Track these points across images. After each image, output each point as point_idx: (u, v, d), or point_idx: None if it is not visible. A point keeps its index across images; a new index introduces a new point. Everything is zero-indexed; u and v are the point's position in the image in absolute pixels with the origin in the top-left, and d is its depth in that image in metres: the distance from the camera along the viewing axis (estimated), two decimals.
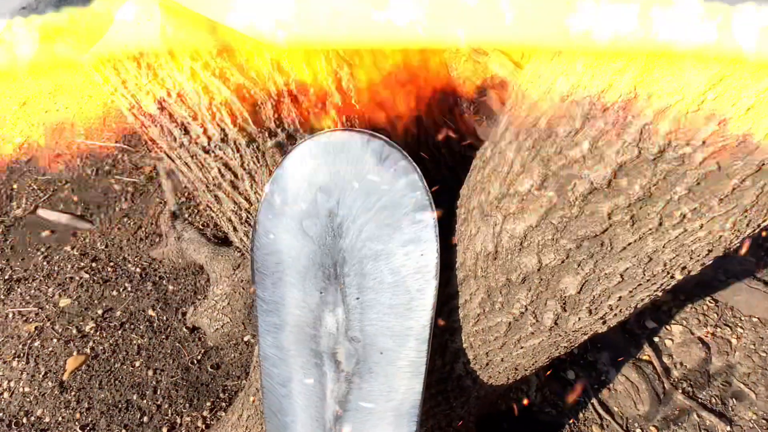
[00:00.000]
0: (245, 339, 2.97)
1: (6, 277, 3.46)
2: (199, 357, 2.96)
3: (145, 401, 2.80)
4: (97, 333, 3.12)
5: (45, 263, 3.56)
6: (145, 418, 2.73)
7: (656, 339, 2.78)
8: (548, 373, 2.59)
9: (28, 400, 2.82)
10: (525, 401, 2.51)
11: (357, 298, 1.40)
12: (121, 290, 3.33)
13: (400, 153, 1.25)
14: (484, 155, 1.10)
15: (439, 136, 1.44)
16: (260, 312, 1.50)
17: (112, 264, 3.50)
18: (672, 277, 0.95)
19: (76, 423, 2.73)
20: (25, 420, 2.75)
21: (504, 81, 1.45)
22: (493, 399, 2.41)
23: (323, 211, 1.31)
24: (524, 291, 1.12)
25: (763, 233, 0.86)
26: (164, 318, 3.16)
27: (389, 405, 1.58)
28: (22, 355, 3.01)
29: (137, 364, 2.95)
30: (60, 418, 2.78)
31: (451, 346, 1.62)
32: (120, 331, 3.11)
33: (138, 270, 3.44)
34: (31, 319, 3.19)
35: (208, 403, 2.76)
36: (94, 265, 3.50)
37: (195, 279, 3.35)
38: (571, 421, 2.49)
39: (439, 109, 1.49)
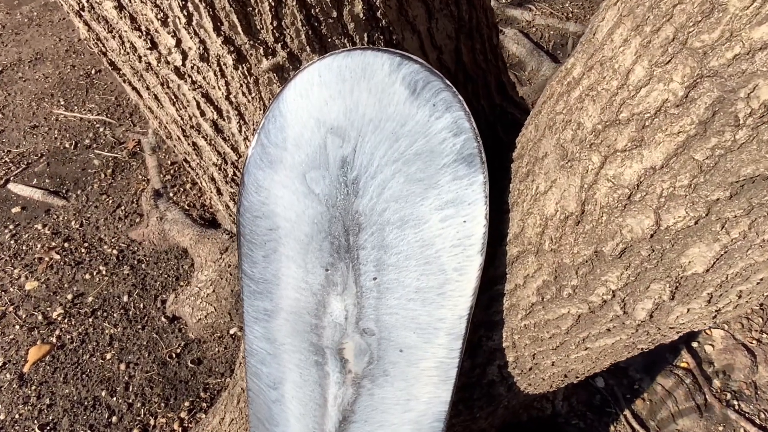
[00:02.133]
0: (231, 332, 2.64)
1: None
2: (178, 350, 2.62)
3: (115, 399, 2.46)
4: (65, 320, 2.78)
5: (12, 242, 3.21)
6: (114, 418, 2.39)
7: (695, 344, 2.47)
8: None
9: None
10: (549, 411, 2.20)
11: (374, 278, 1.07)
12: (94, 274, 2.99)
13: (441, 81, 0.93)
14: (570, 73, 0.78)
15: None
16: (247, 294, 1.17)
17: (86, 245, 3.16)
18: None
19: (35, 421, 2.39)
20: None
21: None
22: (521, 404, 2.09)
23: (335, 160, 0.99)
24: (618, 269, 0.80)
25: None
26: (141, 306, 2.82)
27: (406, 417, 1.25)
28: None
29: (108, 356, 2.61)
30: (17, 416, 2.44)
31: (486, 345, 1.30)
32: (91, 319, 2.77)
33: (115, 252, 3.10)
34: None
35: (187, 403, 2.43)
36: (66, 245, 3.16)
37: (178, 263, 3.01)
38: None
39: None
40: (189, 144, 1.19)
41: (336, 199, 1.01)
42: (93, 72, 4.51)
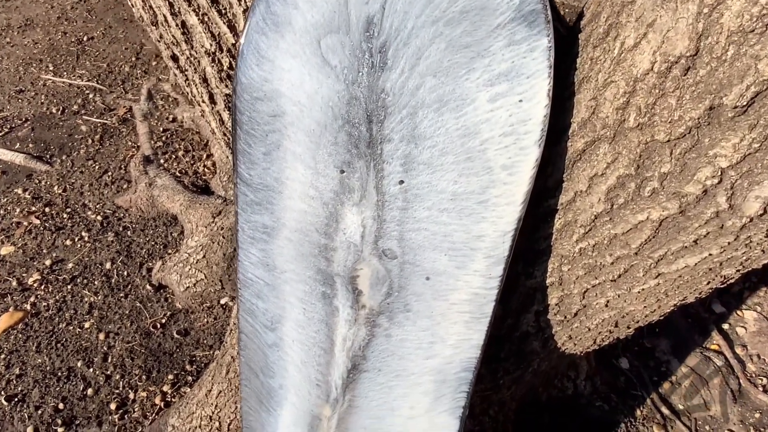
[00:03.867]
0: (222, 302, 2.42)
1: None
2: (163, 320, 2.40)
3: (91, 370, 2.24)
4: (42, 287, 2.55)
5: None
6: (90, 391, 2.17)
7: (726, 326, 2.28)
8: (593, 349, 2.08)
9: None
10: (570, 391, 2.00)
11: (400, 181, 0.87)
12: (76, 240, 2.77)
13: None
14: None
15: None
16: (243, 207, 0.96)
17: (68, 210, 2.94)
18: None
19: (2, 392, 2.17)
20: None
21: None
22: (541, 381, 1.89)
23: (358, 20, 0.79)
24: (739, 133, 0.60)
25: None
26: (125, 274, 2.61)
27: (428, 365, 1.05)
28: None
29: (87, 325, 2.39)
30: None
31: (525, 285, 1.10)
32: (69, 286, 2.55)
33: (99, 218, 2.88)
34: None
35: (171, 376, 2.21)
36: (47, 210, 2.94)
37: (166, 230, 2.80)
38: (626, 419, 1.98)
39: None
40: (177, 26, 0.98)
41: (357, 74, 0.81)
42: (85, 39, 4.30)
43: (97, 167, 3.20)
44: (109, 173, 3.16)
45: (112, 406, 2.12)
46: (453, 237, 0.90)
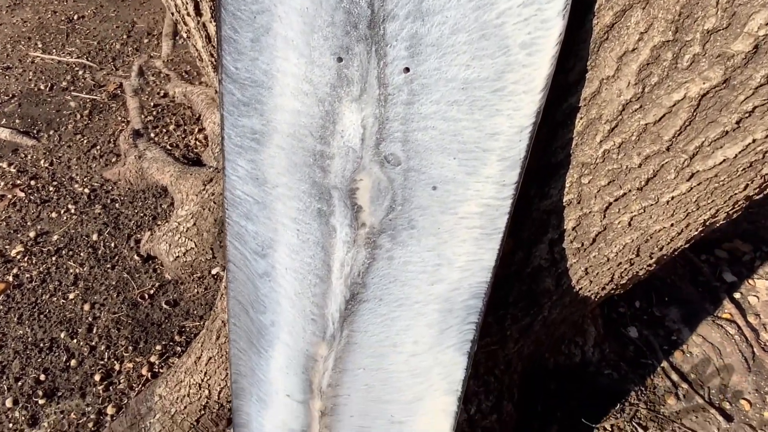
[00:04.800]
0: (213, 272, 2.32)
1: None
2: (151, 291, 2.30)
3: (75, 341, 2.14)
4: (25, 258, 2.45)
5: None
6: (73, 362, 2.07)
7: (737, 295, 2.19)
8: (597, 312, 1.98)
9: None
10: (578, 358, 1.90)
11: (405, 69, 0.78)
12: (62, 212, 2.67)
13: None
14: None
15: None
16: (229, 109, 0.87)
17: (55, 183, 2.84)
18: None
19: None
20: None
21: None
22: (548, 346, 1.80)
23: None
24: None
25: None
26: (112, 245, 2.50)
27: (434, 292, 0.96)
28: None
29: (71, 296, 2.29)
30: None
31: (539, 208, 1.01)
32: (54, 258, 2.45)
33: (86, 191, 2.78)
34: None
35: (159, 347, 2.11)
36: (33, 183, 2.83)
37: (156, 202, 2.70)
38: (637, 388, 1.89)
39: None
40: None
41: None
42: (75, 17, 4.20)
43: (85, 141, 3.10)
44: (98, 147, 3.06)
45: (97, 378, 2.02)
46: (463, 136, 0.80)
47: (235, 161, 0.91)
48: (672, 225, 0.90)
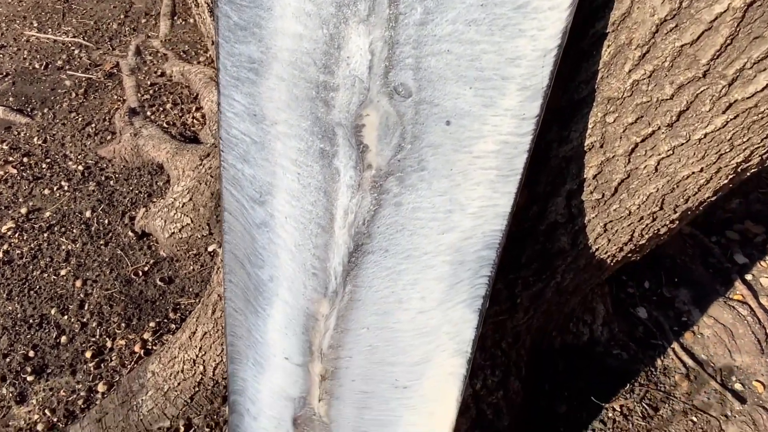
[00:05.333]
0: (210, 249, 2.25)
1: None
2: (146, 268, 2.23)
3: (66, 317, 2.07)
4: (16, 235, 2.38)
5: None
6: (63, 338, 2.00)
7: (749, 277, 2.13)
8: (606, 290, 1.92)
9: None
10: (586, 337, 1.84)
11: None
12: (55, 189, 2.60)
13: None
14: None
15: None
16: (224, 34, 0.80)
17: (48, 161, 2.76)
18: None
19: None
20: None
21: None
22: (556, 324, 1.73)
23: None
24: None
25: None
26: (105, 222, 2.43)
27: (444, 242, 0.89)
28: None
29: (63, 272, 2.22)
30: None
31: (557, 154, 0.95)
32: (46, 234, 2.38)
33: (80, 168, 2.71)
34: None
35: (152, 324, 2.04)
36: (25, 160, 2.76)
37: (151, 179, 2.63)
38: (647, 368, 1.82)
39: None
40: None
41: None
42: None
43: (80, 119, 3.03)
44: (93, 125, 2.99)
45: (88, 355, 1.95)
46: (481, 61, 0.74)
47: (231, 96, 0.85)
48: (701, 170, 0.84)
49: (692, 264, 2.13)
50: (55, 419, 1.79)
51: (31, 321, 2.06)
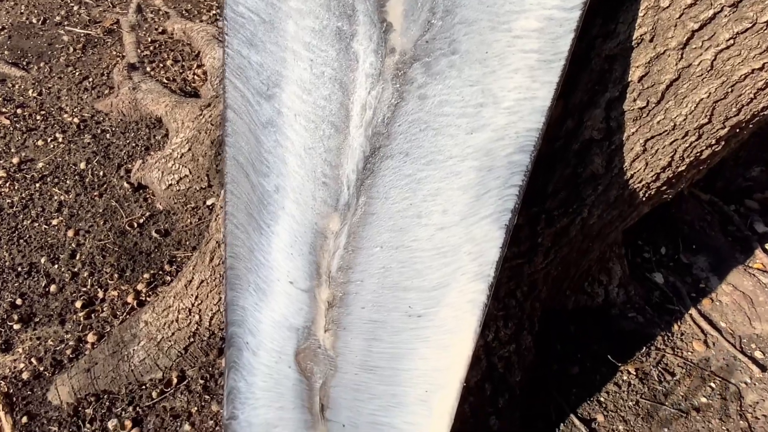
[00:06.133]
0: (208, 203, 2.16)
1: None
2: (141, 220, 2.14)
3: (56, 267, 1.98)
4: (7, 184, 2.28)
5: None
6: (53, 287, 1.91)
7: None
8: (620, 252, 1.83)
9: None
10: (601, 298, 1.75)
11: None
12: (49, 140, 2.50)
13: None
14: None
15: None
16: None
17: (43, 113, 2.66)
18: None
19: None
20: None
21: None
22: (570, 283, 1.64)
23: None
24: None
25: None
26: (100, 174, 2.34)
27: (473, 143, 0.80)
28: None
29: (54, 222, 2.13)
30: None
31: (600, 52, 0.85)
32: (38, 184, 2.28)
33: (76, 120, 2.61)
34: None
35: (146, 275, 1.95)
36: (19, 111, 2.66)
37: (149, 133, 2.53)
38: (663, 333, 1.74)
39: None
40: None
41: None
42: None
43: (77, 74, 2.93)
44: (90, 79, 2.89)
45: (78, 305, 1.86)
46: None
47: None
48: (762, 67, 0.75)
49: (711, 231, 2.05)
50: (41, 368, 1.71)
51: (19, 269, 1.97)
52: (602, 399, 1.58)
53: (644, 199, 1.11)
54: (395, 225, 0.88)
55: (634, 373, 1.63)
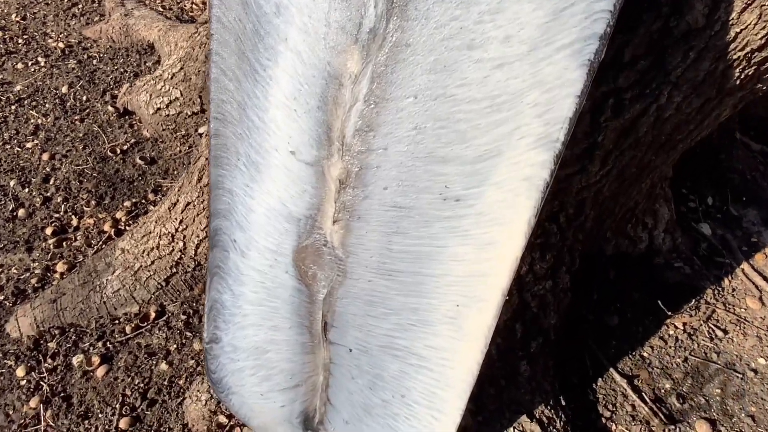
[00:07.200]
0: (201, 130, 1.93)
1: None
2: (125, 147, 1.92)
3: (26, 190, 1.75)
4: None
5: None
6: (21, 212, 1.69)
7: None
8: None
9: None
10: (645, 244, 1.53)
11: None
12: (29, 64, 2.27)
13: None
14: None
15: None
16: None
17: (26, 37, 2.43)
18: None
19: None
20: None
21: None
22: (612, 224, 1.42)
23: None
24: None
25: None
26: (83, 98, 2.11)
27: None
28: None
29: (28, 145, 1.90)
30: None
31: None
32: (14, 107, 2.06)
33: (61, 45, 2.37)
34: None
35: (127, 204, 1.73)
36: (0, 34, 2.43)
37: (139, 59, 2.30)
38: (713, 287, 1.53)
39: None
40: None
41: None
42: None
43: (65, 0, 2.69)
44: (79, 6, 2.65)
45: (48, 231, 1.64)
46: None
47: None
48: None
49: (763, 182, 1.83)
50: (1, 297, 1.49)
51: None
52: (645, 354, 1.37)
53: (738, 83, 0.88)
54: (437, 62, 0.65)
55: (682, 328, 1.42)
